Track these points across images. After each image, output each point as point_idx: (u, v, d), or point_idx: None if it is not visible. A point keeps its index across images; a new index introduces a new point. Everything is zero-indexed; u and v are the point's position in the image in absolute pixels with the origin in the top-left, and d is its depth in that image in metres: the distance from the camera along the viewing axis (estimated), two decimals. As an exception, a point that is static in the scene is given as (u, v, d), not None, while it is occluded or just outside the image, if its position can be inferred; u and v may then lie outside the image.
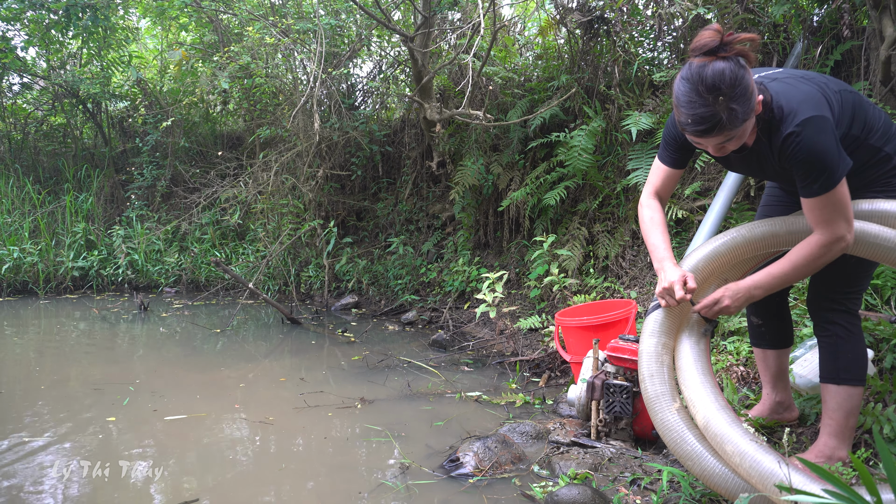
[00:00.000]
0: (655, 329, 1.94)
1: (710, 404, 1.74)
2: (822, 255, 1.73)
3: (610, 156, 4.48)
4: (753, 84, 1.61)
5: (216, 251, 6.96)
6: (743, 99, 1.58)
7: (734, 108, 1.57)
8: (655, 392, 1.85)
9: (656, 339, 1.92)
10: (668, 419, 1.79)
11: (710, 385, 1.80)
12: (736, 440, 1.63)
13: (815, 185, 1.67)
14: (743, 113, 1.59)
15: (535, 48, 5.59)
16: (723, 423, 1.68)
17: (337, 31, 6.09)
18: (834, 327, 1.90)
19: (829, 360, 1.93)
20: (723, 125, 1.59)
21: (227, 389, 3.51)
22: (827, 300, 1.91)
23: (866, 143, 1.79)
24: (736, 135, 1.64)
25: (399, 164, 6.63)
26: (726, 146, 1.69)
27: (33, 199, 7.63)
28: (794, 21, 3.72)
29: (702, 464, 1.71)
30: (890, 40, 3.03)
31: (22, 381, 3.72)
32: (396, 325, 5.21)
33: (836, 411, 1.91)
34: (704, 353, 1.91)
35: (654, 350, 1.91)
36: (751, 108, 1.61)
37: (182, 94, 7.69)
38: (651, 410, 1.85)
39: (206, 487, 2.33)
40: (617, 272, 4.18)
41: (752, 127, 1.71)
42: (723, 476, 1.69)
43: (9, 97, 8.54)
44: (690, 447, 1.73)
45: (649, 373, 1.88)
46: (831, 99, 1.71)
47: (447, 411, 3.11)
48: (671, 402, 1.82)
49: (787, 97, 1.69)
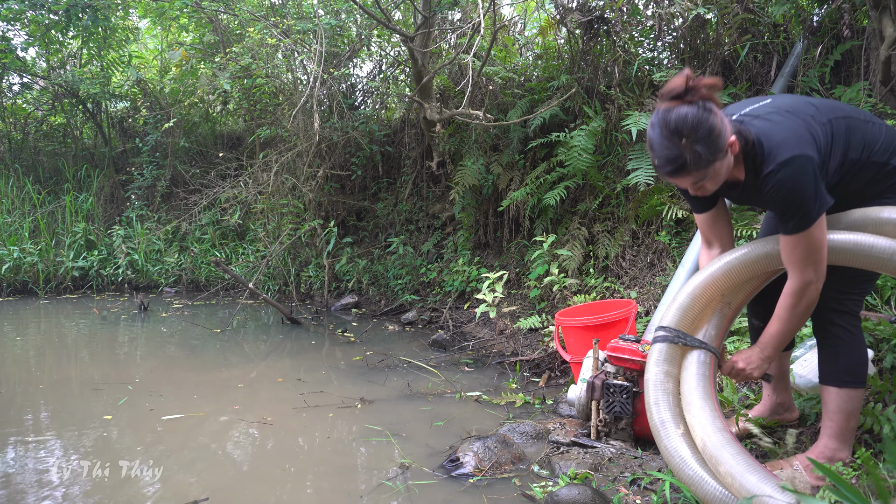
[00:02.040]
0: (660, 359, 2.01)
1: (708, 427, 1.83)
2: (797, 301, 1.79)
3: (610, 156, 4.48)
4: (720, 126, 1.65)
5: (216, 251, 6.96)
6: (707, 141, 1.63)
7: (697, 149, 1.63)
8: (660, 419, 1.92)
9: (659, 369, 2.00)
10: (671, 444, 1.87)
11: (709, 409, 1.88)
12: (727, 460, 1.72)
13: (790, 224, 1.72)
14: (707, 154, 1.64)
15: (535, 48, 5.59)
16: (717, 446, 1.77)
17: (337, 31, 6.09)
18: (835, 329, 1.90)
19: (829, 362, 1.92)
20: (687, 166, 1.66)
21: (227, 389, 3.51)
22: (831, 301, 1.90)
23: (870, 162, 1.78)
24: (707, 175, 1.69)
25: (399, 164, 6.63)
26: (704, 185, 1.73)
27: (33, 199, 7.63)
28: (794, 21, 3.72)
29: (703, 488, 1.77)
30: (890, 40, 3.04)
31: (22, 381, 3.72)
32: (396, 325, 5.21)
33: (836, 413, 1.90)
34: (707, 376, 1.97)
35: (659, 379, 1.99)
36: (717, 148, 1.65)
37: (182, 95, 7.69)
38: (657, 436, 1.92)
39: (207, 487, 2.33)
40: (617, 272, 4.18)
41: (738, 164, 1.78)
42: (722, 499, 1.74)
43: (9, 97, 8.55)
44: (692, 472, 1.80)
45: (655, 400, 1.96)
46: (817, 132, 1.71)
47: (447, 411, 3.10)
48: (675, 427, 1.89)
49: (769, 136, 1.71)
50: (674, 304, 2.03)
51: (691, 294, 2.00)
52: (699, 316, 2.02)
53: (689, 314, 2.00)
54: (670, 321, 2.01)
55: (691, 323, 2.01)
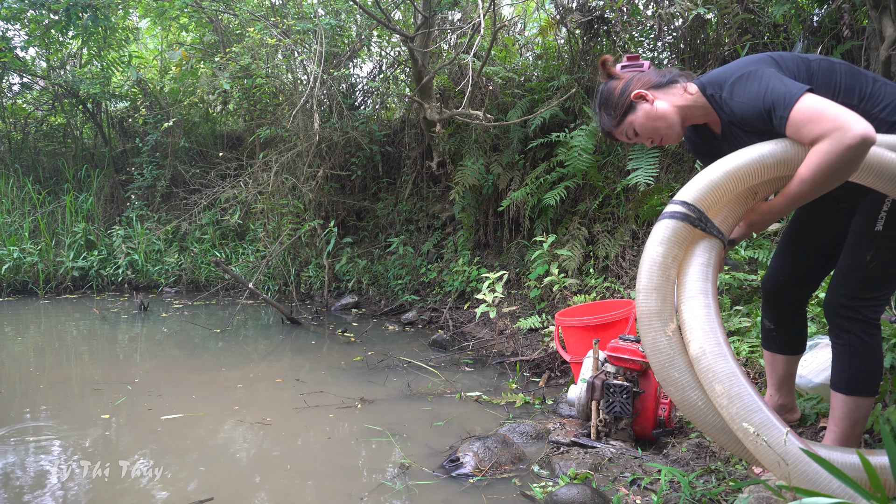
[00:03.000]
0: (667, 236, 1.70)
1: (710, 335, 1.63)
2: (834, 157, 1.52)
3: (610, 156, 4.48)
4: (617, 87, 1.89)
5: (216, 251, 6.96)
6: (606, 104, 1.92)
7: (603, 113, 1.94)
8: (651, 308, 1.70)
9: (665, 249, 1.70)
10: (659, 341, 1.69)
11: (714, 313, 1.68)
12: (729, 382, 1.57)
13: (776, 117, 1.61)
14: (610, 111, 1.90)
15: (535, 48, 5.59)
16: (719, 360, 1.59)
17: (337, 31, 6.09)
18: (848, 336, 1.82)
19: (840, 368, 1.86)
20: (603, 126, 1.96)
21: (226, 390, 3.51)
22: (843, 307, 1.82)
23: (871, 115, 1.65)
24: (630, 126, 1.87)
25: (399, 164, 6.63)
26: (655, 138, 1.88)
27: (33, 199, 7.63)
28: (794, 21, 3.72)
29: (685, 394, 1.66)
30: (890, 40, 3.03)
31: (22, 381, 3.72)
32: (396, 325, 5.21)
33: (842, 419, 1.86)
34: (713, 276, 1.75)
35: (662, 261, 1.70)
36: (617, 104, 1.88)
37: (182, 95, 7.69)
38: (642, 327, 1.72)
39: (207, 487, 2.33)
40: (617, 272, 4.18)
41: (710, 115, 1.83)
42: (704, 410, 1.66)
43: (9, 97, 8.55)
44: (678, 374, 1.67)
45: (651, 285, 1.69)
46: (782, 58, 1.72)
47: (447, 411, 3.10)
48: (667, 322, 1.70)
49: (719, 73, 1.79)
50: (703, 180, 1.70)
51: (727, 174, 1.68)
52: (726, 200, 1.73)
53: (716, 195, 1.70)
54: (695, 197, 1.70)
55: (714, 205, 1.72)
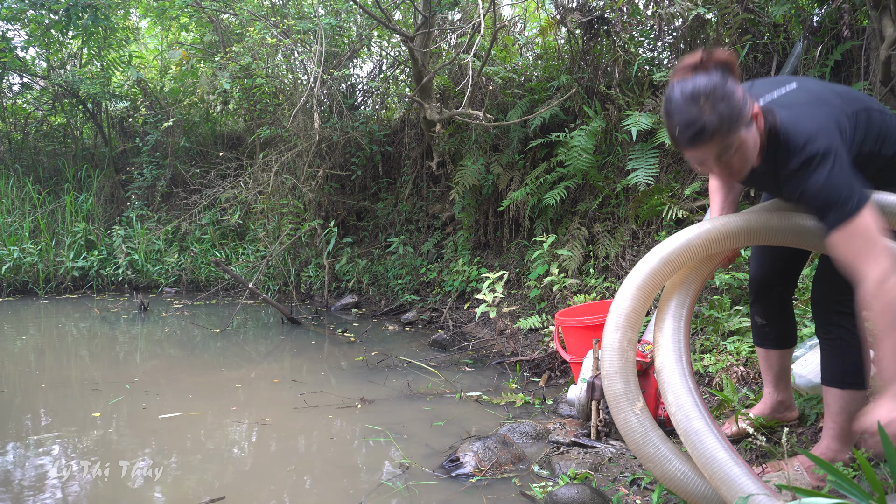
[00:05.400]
0: (620, 323, 1.85)
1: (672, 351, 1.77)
2: (881, 303, 1.48)
3: (610, 156, 4.48)
4: (740, 94, 1.56)
5: (216, 251, 6.96)
6: (728, 103, 1.52)
7: (720, 109, 1.51)
8: (617, 391, 1.80)
9: (620, 335, 1.84)
10: (630, 420, 1.76)
11: (682, 334, 1.83)
12: (678, 393, 1.70)
13: (828, 218, 1.56)
14: (729, 115, 1.52)
15: (536, 48, 5.59)
16: (673, 374, 1.73)
17: (337, 31, 6.09)
18: (838, 330, 1.85)
19: (832, 363, 1.89)
20: (707, 129, 1.53)
21: (226, 390, 3.51)
22: (833, 302, 1.85)
23: (879, 155, 1.71)
24: (732, 145, 1.55)
25: (399, 164, 6.63)
26: (731, 161, 1.59)
27: (33, 199, 7.63)
28: (794, 21, 3.72)
29: (664, 467, 1.69)
30: (890, 40, 3.03)
31: (22, 381, 3.72)
32: (396, 325, 5.21)
33: (838, 415, 1.88)
34: (685, 335, 1.88)
35: (619, 346, 1.84)
36: (739, 113, 1.54)
37: (182, 95, 7.69)
38: (613, 409, 1.81)
39: (207, 488, 2.33)
40: (617, 272, 4.18)
41: (757, 147, 1.63)
42: (684, 479, 1.67)
43: (9, 97, 8.55)
44: (653, 449, 1.71)
45: (613, 370, 1.82)
46: (844, 125, 1.63)
47: (447, 411, 3.10)
48: (634, 401, 1.78)
49: (796, 127, 1.60)
50: (643, 268, 1.88)
51: (662, 260, 1.86)
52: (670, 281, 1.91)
53: (657, 279, 1.88)
54: (639, 285, 1.88)
55: (656, 289, 1.89)
